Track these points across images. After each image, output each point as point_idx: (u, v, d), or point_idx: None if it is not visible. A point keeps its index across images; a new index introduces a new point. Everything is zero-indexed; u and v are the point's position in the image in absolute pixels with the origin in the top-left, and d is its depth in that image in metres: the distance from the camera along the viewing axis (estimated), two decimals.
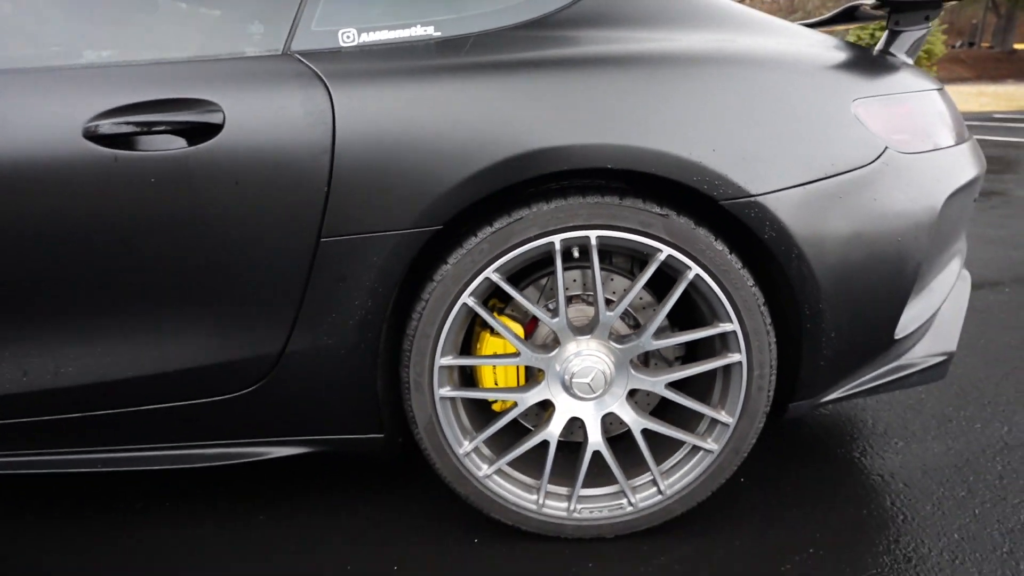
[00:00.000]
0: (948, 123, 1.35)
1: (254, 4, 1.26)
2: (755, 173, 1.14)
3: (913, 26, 1.40)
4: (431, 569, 1.27)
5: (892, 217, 1.21)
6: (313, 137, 1.13)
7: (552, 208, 1.15)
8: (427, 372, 1.23)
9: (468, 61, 1.19)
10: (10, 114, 1.13)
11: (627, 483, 1.31)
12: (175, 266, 1.17)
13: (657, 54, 1.20)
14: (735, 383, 1.25)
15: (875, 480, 1.50)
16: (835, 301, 1.21)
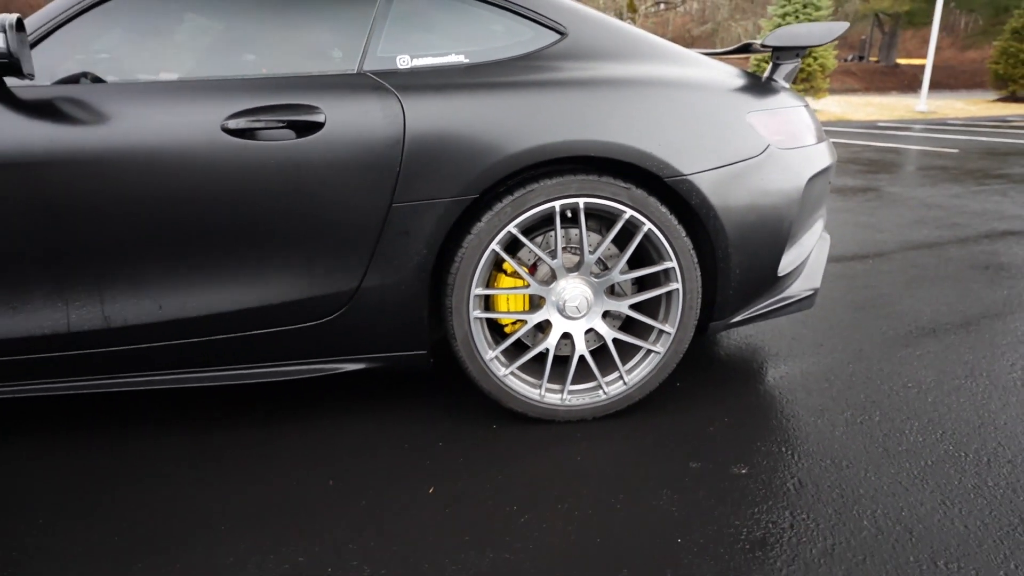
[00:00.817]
0: (811, 129, 1.98)
1: (335, 36, 1.74)
2: (686, 160, 1.72)
3: (788, 61, 2.02)
4: (466, 443, 1.78)
5: (773, 191, 1.82)
6: (389, 132, 1.62)
7: (553, 183, 1.69)
8: (465, 300, 1.74)
9: (490, 80, 1.71)
10: (169, 113, 1.56)
11: (602, 379, 1.86)
12: (283, 225, 1.63)
13: (618, 79, 1.76)
14: (674, 304, 1.82)
15: (768, 381, 2.11)
16: (738, 247, 1.81)
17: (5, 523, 1.47)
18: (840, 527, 1.44)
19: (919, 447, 1.74)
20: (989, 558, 1.34)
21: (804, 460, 1.68)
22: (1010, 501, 1.52)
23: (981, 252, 3.62)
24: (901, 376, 2.13)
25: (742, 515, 1.48)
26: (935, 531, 1.42)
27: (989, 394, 2.01)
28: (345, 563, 1.34)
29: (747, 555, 1.36)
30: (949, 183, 6.03)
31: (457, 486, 1.59)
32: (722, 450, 1.73)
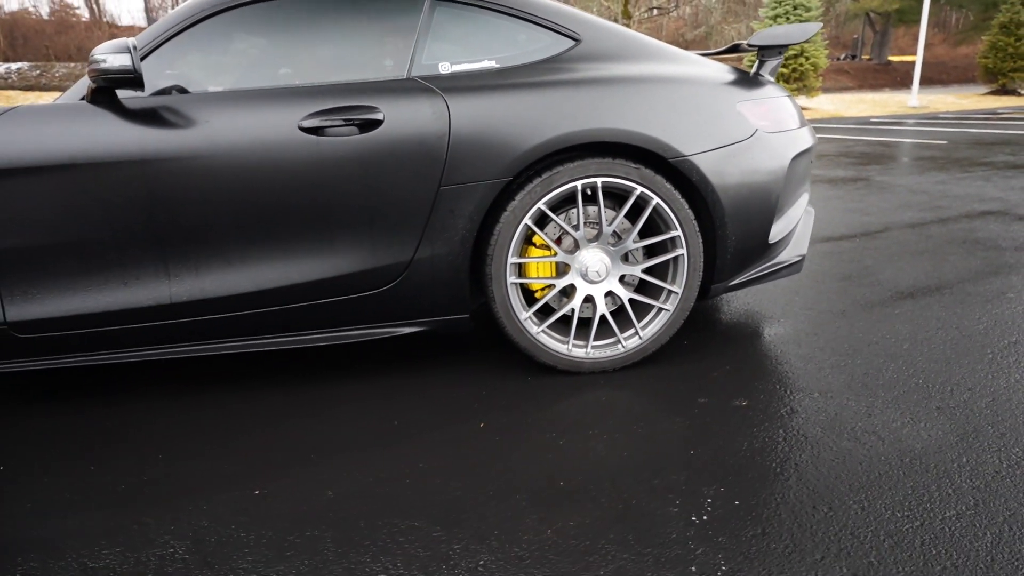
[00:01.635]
0: (793, 116, 2.29)
1: (386, 48, 2.06)
2: (687, 143, 2.03)
3: (771, 58, 2.33)
4: (507, 390, 2.08)
5: (761, 169, 2.13)
6: (437, 127, 1.93)
7: (575, 165, 1.99)
8: (503, 267, 2.04)
9: (519, 81, 2.02)
10: (255, 116, 1.87)
11: (620, 335, 2.16)
12: (350, 206, 1.94)
13: (626, 76, 2.07)
14: (681, 268, 2.13)
15: (764, 336, 2.41)
16: (733, 218, 2.11)
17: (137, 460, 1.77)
18: (825, 440, 1.73)
19: (893, 382, 2.03)
20: (947, 457, 1.64)
21: (795, 393, 1.98)
22: (966, 418, 1.82)
23: (960, 230, 3.92)
24: (880, 330, 2.43)
25: (744, 433, 1.78)
26: (904, 440, 1.72)
27: (957, 341, 2.31)
28: (420, 475, 1.64)
29: (748, 461, 1.65)
30: (936, 171, 6.34)
31: (503, 422, 1.89)
32: (725, 389, 2.03)
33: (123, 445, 1.84)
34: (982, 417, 1.82)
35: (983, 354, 2.20)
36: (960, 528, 1.39)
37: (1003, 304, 2.65)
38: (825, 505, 1.48)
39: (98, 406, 2.07)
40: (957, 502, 1.47)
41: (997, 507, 1.45)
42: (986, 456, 1.64)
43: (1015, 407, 1.86)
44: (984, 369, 2.10)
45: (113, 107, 1.85)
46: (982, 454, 1.65)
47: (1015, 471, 1.58)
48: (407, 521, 1.48)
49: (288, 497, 1.58)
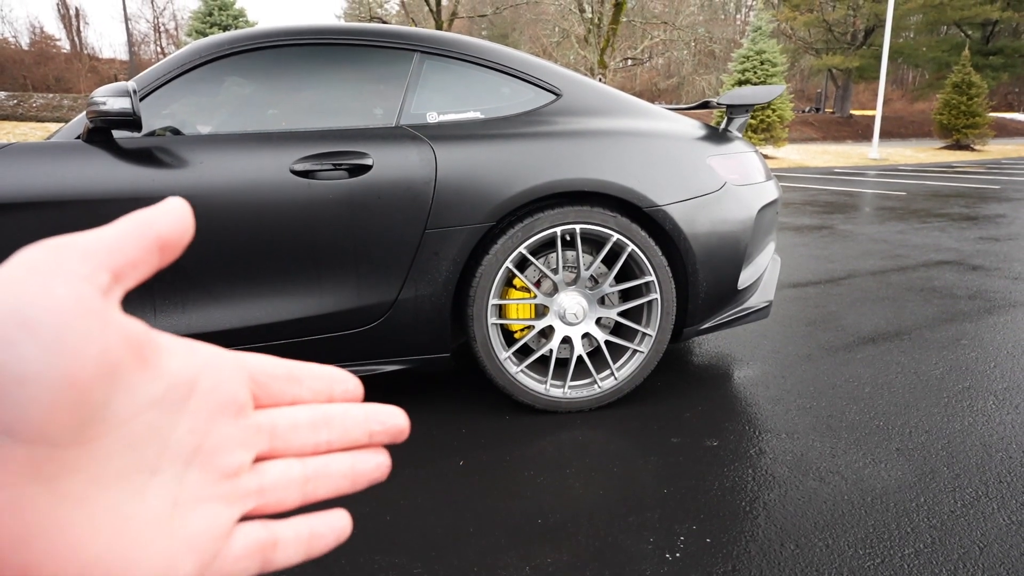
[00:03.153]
0: (760, 170, 2.43)
1: (377, 98, 2.15)
2: (661, 193, 2.14)
3: (739, 115, 2.48)
4: (485, 429, 2.12)
5: (730, 219, 2.25)
6: (424, 173, 2.02)
7: (555, 212, 2.09)
8: (484, 308, 2.11)
9: (503, 132, 2.13)
10: (247, 158, 1.94)
11: (597, 375, 2.23)
12: (338, 247, 2.00)
13: (605, 130, 2.19)
14: (655, 312, 2.22)
15: (734, 378, 2.51)
16: (704, 264, 2.22)
17: None
18: (792, 479, 1.81)
19: (856, 424, 2.13)
20: (906, 496, 1.73)
21: (764, 434, 2.06)
22: (924, 459, 1.91)
23: (918, 278, 4.11)
24: (844, 373, 2.54)
25: (715, 473, 1.84)
26: (865, 480, 1.80)
27: (915, 386, 2.43)
28: (401, 511, 1.67)
29: (719, 499, 1.72)
30: (895, 221, 6.62)
31: (483, 460, 1.93)
32: (697, 429, 2.10)
33: None
34: (938, 459, 1.91)
35: (939, 398, 2.32)
36: (918, 565, 1.46)
37: (958, 350, 2.78)
38: (792, 543, 1.54)
39: None
40: (915, 540, 1.55)
41: (952, 545, 1.53)
42: (942, 496, 1.73)
43: (969, 449, 1.96)
44: (940, 413, 2.20)
45: (108, 147, 1.90)
46: (938, 494, 1.74)
47: (969, 511, 1.66)
48: (388, 557, 1.50)
49: None
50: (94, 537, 0.20)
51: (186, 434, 0.24)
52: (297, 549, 0.27)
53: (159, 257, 0.23)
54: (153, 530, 0.22)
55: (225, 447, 0.25)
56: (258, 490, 0.26)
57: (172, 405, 0.23)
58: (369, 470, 0.30)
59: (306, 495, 0.28)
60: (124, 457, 0.21)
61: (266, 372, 0.28)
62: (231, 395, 0.25)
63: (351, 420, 0.30)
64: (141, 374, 0.22)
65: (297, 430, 0.28)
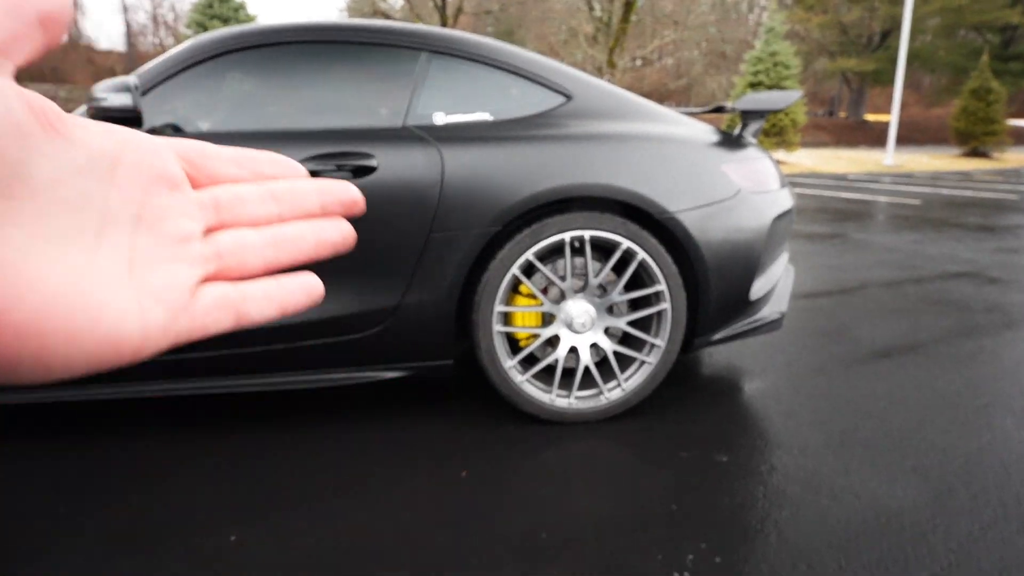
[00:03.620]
0: (774, 177, 2.37)
1: (383, 97, 2.11)
2: (672, 200, 2.09)
3: (754, 121, 2.42)
4: (489, 440, 2.08)
5: (744, 227, 2.19)
6: (430, 175, 1.97)
7: (564, 217, 2.04)
8: (489, 315, 2.06)
9: (511, 134, 2.08)
10: None
11: (604, 386, 2.18)
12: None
13: (616, 134, 2.14)
14: (664, 321, 2.17)
15: (744, 391, 2.45)
16: (716, 274, 2.16)
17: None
18: (804, 497, 1.75)
19: (870, 440, 2.07)
20: (922, 517, 1.67)
21: (775, 450, 2.01)
22: (940, 478, 1.85)
23: (934, 290, 4.03)
24: (858, 388, 2.48)
25: (725, 489, 1.79)
26: (880, 499, 1.74)
27: (931, 402, 2.36)
28: (402, 524, 1.63)
29: (730, 516, 1.67)
30: (910, 231, 6.52)
31: (486, 471, 1.89)
32: (707, 443, 2.05)
33: (98, 488, 1.80)
34: (956, 478, 1.85)
35: (956, 415, 2.25)
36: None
37: (975, 366, 2.71)
38: (804, 563, 1.49)
39: (71, 447, 2.03)
40: (932, 563, 1.49)
41: (970, 569, 1.47)
42: (959, 517, 1.67)
43: (987, 469, 1.90)
44: (957, 430, 2.14)
45: None
46: (956, 515, 1.68)
47: (987, 533, 1.60)
48: (388, 572, 1.46)
49: (265, 545, 1.55)
50: (52, 278, 0.21)
51: (122, 202, 0.24)
52: (269, 303, 0.27)
53: (42, 33, 0.23)
54: (114, 282, 0.23)
55: (168, 215, 0.25)
56: (215, 254, 0.26)
57: (98, 174, 0.23)
58: (331, 236, 0.29)
59: (267, 260, 0.28)
60: (62, 219, 0.22)
61: (198, 152, 0.27)
62: (162, 168, 0.25)
63: (301, 193, 0.29)
64: (55, 142, 0.22)
65: (243, 202, 0.28)
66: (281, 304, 0.28)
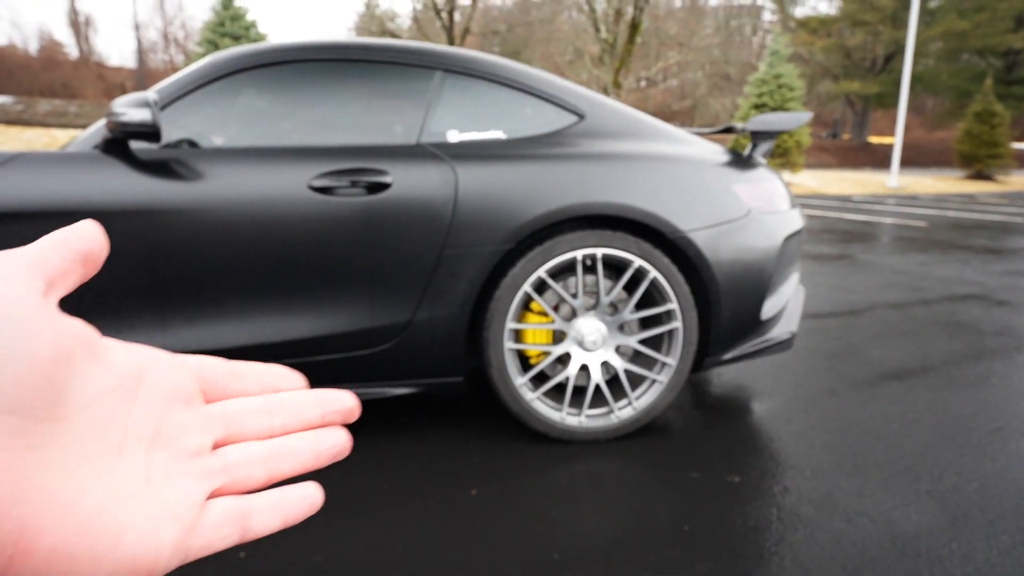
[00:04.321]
0: (784, 197, 2.37)
1: (397, 115, 2.12)
2: (685, 220, 2.09)
3: (764, 142, 2.43)
4: (498, 458, 2.06)
5: (755, 248, 2.19)
6: (444, 192, 1.98)
7: (576, 235, 2.04)
8: (500, 332, 2.06)
9: (525, 152, 2.09)
10: (266, 173, 1.92)
11: (614, 405, 2.17)
12: (353, 265, 1.96)
13: (629, 154, 2.15)
14: (676, 340, 2.16)
15: (755, 411, 2.43)
16: (727, 293, 2.16)
17: None
18: (817, 520, 1.73)
19: (883, 463, 2.05)
20: (938, 541, 1.65)
21: (788, 471, 1.99)
22: (955, 502, 1.83)
23: (942, 312, 4.01)
24: (869, 410, 2.46)
25: (737, 511, 1.77)
26: (895, 523, 1.72)
27: (944, 424, 2.34)
28: (411, 541, 1.61)
29: (742, 538, 1.65)
30: (916, 252, 6.52)
31: (495, 489, 1.87)
32: (718, 464, 2.03)
33: None
34: (971, 503, 1.83)
35: (970, 438, 2.23)
36: None
37: (987, 389, 2.70)
38: None
39: None
40: None
41: None
42: (976, 542, 1.65)
43: (1003, 493, 1.88)
44: (971, 454, 2.12)
45: (124, 157, 1.88)
46: (972, 540, 1.66)
47: (1005, 558, 1.58)
48: None
49: (274, 560, 1.54)
50: (82, 501, 0.23)
51: (142, 419, 0.26)
52: (272, 515, 0.28)
53: (83, 268, 0.26)
54: (133, 500, 0.24)
55: (183, 431, 0.27)
56: (223, 467, 0.28)
57: (125, 393, 0.26)
58: (330, 446, 0.31)
59: (270, 472, 0.29)
60: (92, 438, 0.24)
61: (209, 368, 0.30)
62: (178, 385, 0.28)
63: (302, 404, 0.31)
64: (92, 365, 0.25)
65: (249, 414, 0.30)
66: (284, 516, 0.29)
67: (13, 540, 0.20)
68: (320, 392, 0.32)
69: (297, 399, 0.31)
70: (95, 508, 0.23)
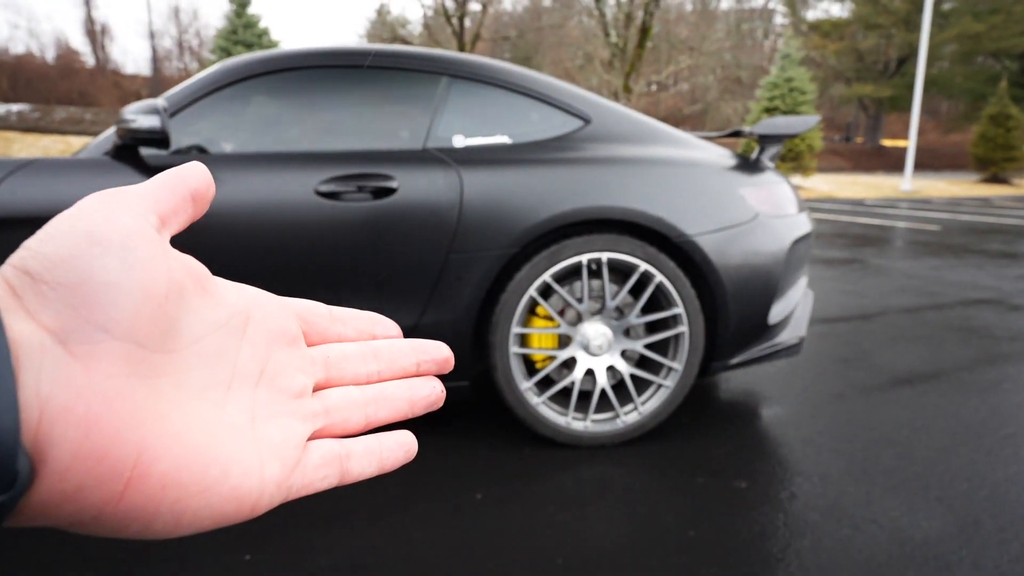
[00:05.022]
0: (792, 201, 2.36)
1: (404, 120, 2.13)
2: (691, 224, 2.09)
3: (772, 145, 2.42)
4: (504, 462, 2.06)
5: (763, 252, 2.18)
6: (449, 197, 1.99)
7: (582, 240, 2.04)
8: (506, 336, 2.06)
9: (530, 157, 2.09)
10: (273, 178, 1.93)
11: (620, 409, 2.16)
12: (360, 269, 1.97)
13: (635, 158, 2.15)
14: (682, 345, 2.15)
15: (763, 417, 2.42)
16: (734, 298, 2.15)
17: None
18: (825, 526, 1.72)
19: (892, 469, 2.03)
20: (947, 548, 1.63)
21: (795, 477, 1.97)
22: (966, 509, 1.81)
23: (955, 317, 3.97)
24: (878, 415, 2.44)
25: (744, 516, 1.76)
26: (903, 529, 1.70)
27: (954, 430, 2.32)
28: (415, 546, 1.62)
29: (749, 544, 1.64)
30: (930, 256, 6.46)
31: (500, 494, 1.87)
32: (725, 469, 2.02)
33: None
34: (981, 509, 1.81)
35: (980, 444, 2.20)
36: None
37: (999, 394, 2.66)
38: None
39: None
40: None
41: None
42: (987, 549, 1.63)
43: (1014, 500, 1.85)
44: (982, 460, 2.09)
45: (134, 163, 1.91)
46: (983, 547, 1.64)
47: (1016, 566, 1.56)
48: None
49: (278, 564, 1.55)
50: (193, 431, 0.23)
51: (249, 358, 0.26)
52: (370, 460, 0.29)
53: (193, 207, 0.26)
54: (240, 435, 0.25)
55: (285, 371, 0.28)
56: (324, 410, 0.28)
57: (234, 331, 0.26)
58: (425, 395, 0.31)
59: (368, 417, 0.30)
60: (201, 372, 0.24)
61: (312, 312, 0.31)
62: (283, 326, 0.28)
63: (398, 351, 0.32)
64: (203, 299, 0.25)
65: (349, 360, 0.30)
66: (381, 461, 0.30)
67: (132, 463, 0.21)
68: (416, 341, 0.32)
69: (395, 346, 0.32)
70: (205, 439, 0.23)
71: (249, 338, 0.27)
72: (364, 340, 0.32)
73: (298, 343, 0.29)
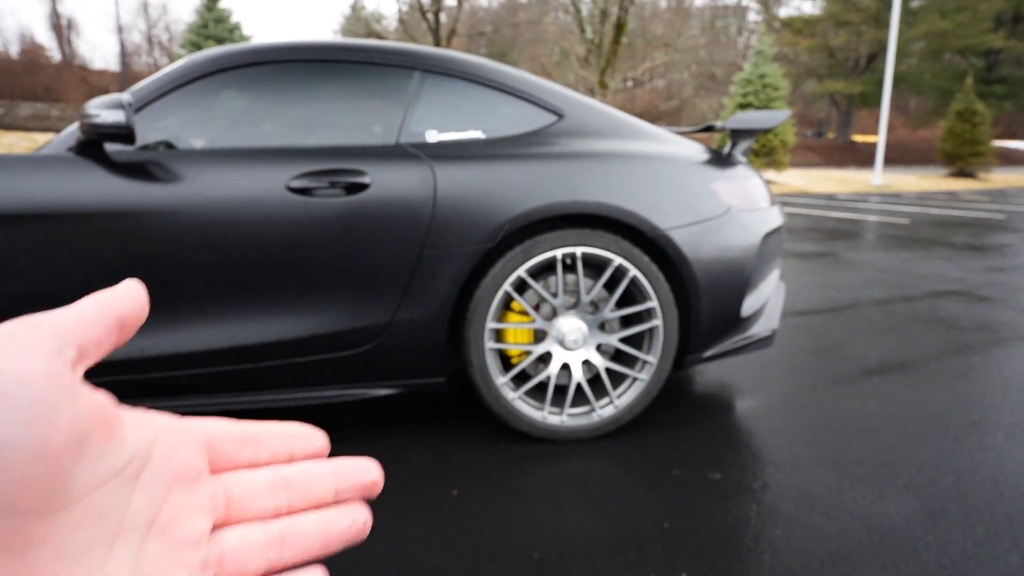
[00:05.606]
0: (763, 195, 2.39)
1: (376, 115, 2.12)
2: (663, 218, 2.10)
3: (743, 140, 2.45)
4: (479, 458, 2.06)
5: (734, 245, 2.20)
6: (423, 192, 1.98)
7: (556, 234, 2.05)
8: (482, 332, 2.06)
9: (504, 152, 2.09)
10: (243, 174, 1.90)
11: (596, 403, 2.17)
12: (333, 266, 1.96)
13: (608, 152, 2.16)
14: (656, 338, 2.17)
15: (736, 409, 2.44)
16: (707, 291, 2.17)
17: None
18: (797, 515, 1.74)
19: (862, 458, 2.07)
20: (915, 534, 1.66)
21: (768, 467, 2.00)
22: (932, 496, 1.85)
23: (924, 308, 4.05)
24: (849, 405, 2.48)
25: (718, 507, 1.78)
26: (873, 517, 1.74)
27: (922, 419, 2.36)
28: (391, 542, 1.61)
29: (723, 534, 1.65)
30: (899, 250, 6.58)
31: (477, 490, 1.87)
32: (699, 461, 2.04)
33: None
34: (948, 495, 1.85)
35: (948, 433, 2.25)
36: None
37: (965, 383, 2.72)
38: None
39: None
40: None
41: None
42: (952, 535, 1.66)
43: (979, 486, 1.90)
44: (949, 448, 2.14)
45: (99, 159, 1.87)
46: (948, 532, 1.67)
47: (980, 550, 1.60)
48: None
49: None
50: None
51: (143, 506, 0.24)
52: None
53: (118, 335, 0.24)
54: None
55: (181, 516, 0.25)
56: (217, 558, 0.26)
57: (129, 477, 0.24)
58: (343, 528, 0.29)
59: (270, 561, 0.27)
60: (86, 530, 0.22)
61: (221, 436, 0.28)
62: (185, 463, 0.26)
63: (313, 479, 0.29)
64: (104, 444, 0.23)
65: (253, 495, 0.28)
66: None
67: None
68: (337, 463, 0.30)
69: (310, 473, 0.29)
70: None
71: (145, 482, 0.24)
72: (280, 462, 0.29)
73: (200, 479, 0.26)
